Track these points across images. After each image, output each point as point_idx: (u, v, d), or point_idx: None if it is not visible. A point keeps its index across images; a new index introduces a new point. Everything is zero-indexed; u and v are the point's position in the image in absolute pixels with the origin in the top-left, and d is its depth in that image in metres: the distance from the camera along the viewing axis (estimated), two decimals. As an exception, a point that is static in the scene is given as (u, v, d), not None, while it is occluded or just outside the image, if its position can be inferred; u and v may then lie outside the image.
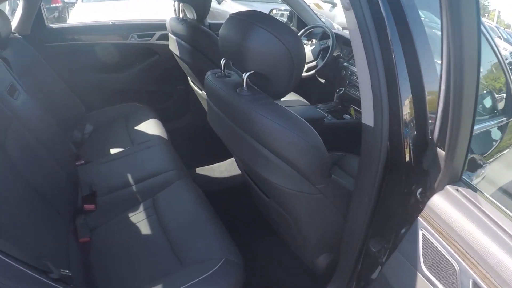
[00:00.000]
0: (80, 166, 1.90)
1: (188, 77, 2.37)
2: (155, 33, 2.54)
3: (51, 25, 2.49)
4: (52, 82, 2.24)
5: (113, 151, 2.05)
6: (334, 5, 6.61)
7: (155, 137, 2.06)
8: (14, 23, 2.27)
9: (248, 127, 1.07)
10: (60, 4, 7.72)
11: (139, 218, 1.49)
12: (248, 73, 1.07)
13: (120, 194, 1.67)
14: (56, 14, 7.72)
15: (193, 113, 2.77)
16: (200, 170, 2.24)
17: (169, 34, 2.19)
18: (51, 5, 7.55)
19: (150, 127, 2.18)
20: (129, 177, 1.75)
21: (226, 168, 2.24)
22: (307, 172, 1.04)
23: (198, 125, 2.53)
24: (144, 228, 1.44)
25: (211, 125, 1.39)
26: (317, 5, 6.37)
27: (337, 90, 2.25)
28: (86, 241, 1.43)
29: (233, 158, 2.24)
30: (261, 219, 1.68)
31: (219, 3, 5.72)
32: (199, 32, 1.90)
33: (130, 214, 1.53)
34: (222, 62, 1.25)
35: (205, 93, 2.02)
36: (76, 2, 5.85)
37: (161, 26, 2.49)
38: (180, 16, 2.13)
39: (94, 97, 2.56)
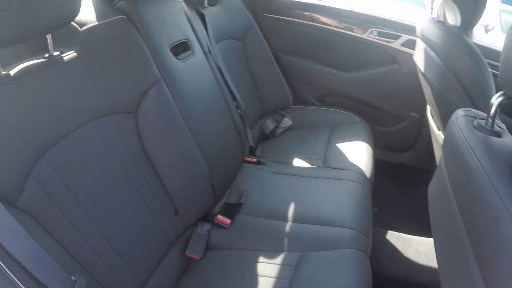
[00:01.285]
0: (248, 164, 1.60)
1: (428, 105, 1.68)
2: (401, 36, 1.91)
3: None
4: (262, 57, 2.01)
5: (296, 162, 1.66)
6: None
7: (355, 169, 1.54)
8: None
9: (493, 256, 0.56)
10: None
11: (271, 272, 1.10)
12: None
13: (267, 224, 1.28)
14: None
15: (418, 152, 2.08)
16: (391, 236, 1.59)
17: (418, 40, 1.54)
18: None
19: (357, 151, 1.68)
20: (291, 207, 1.31)
21: (427, 251, 1.52)
22: None
23: (418, 171, 2.03)
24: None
25: (429, 196, 0.97)
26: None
27: None
28: (193, 258, 1.19)
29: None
30: None
31: (486, 32, 4.41)
32: (460, 45, 1.21)
33: (262, 258, 1.15)
34: (496, 102, 0.66)
35: (441, 135, 1.36)
36: None
37: (411, 29, 1.86)
38: (437, 17, 1.43)
39: (305, 89, 2.20)
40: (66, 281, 0.73)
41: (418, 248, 1.53)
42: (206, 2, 1.75)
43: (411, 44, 1.86)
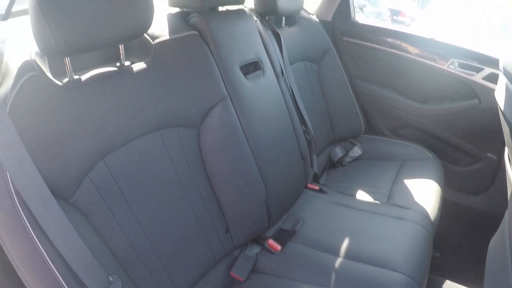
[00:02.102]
0: (310, 191, 1.56)
1: (506, 147, 1.51)
2: (483, 69, 1.74)
3: (356, 19, 2.13)
4: (337, 81, 1.97)
5: (360, 195, 1.58)
6: None
7: (419, 210, 1.42)
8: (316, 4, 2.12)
9: None
10: (405, 19, 7.53)
11: None
12: None
13: (317, 256, 1.22)
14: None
15: (492, 197, 1.88)
16: (446, 286, 1.43)
17: (500, 75, 1.39)
18: (398, 18, 7.43)
19: (425, 190, 1.56)
20: (345, 242, 1.24)
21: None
22: None
23: (489, 218, 1.86)
24: None
25: (488, 252, 0.93)
26: None
27: None
28: (237, 279, 1.18)
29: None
30: None
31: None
32: None
33: None
34: None
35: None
36: (416, 18, 5.52)
37: (494, 62, 1.71)
38: None
39: (379, 119, 2.11)
40: (104, 281, 0.74)
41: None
42: (283, 22, 1.75)
43: (493, 78, 1.71)
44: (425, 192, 1.53)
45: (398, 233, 1.29)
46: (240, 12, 1.38)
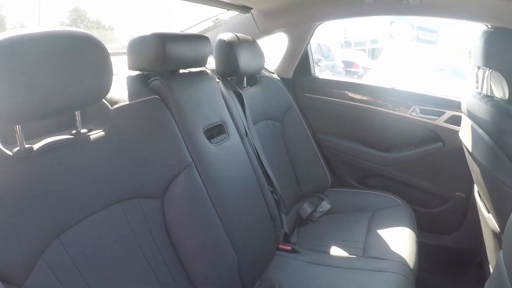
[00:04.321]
0: (282, 252, 1.49)
1: (475, 185, 1.55)
2: (444, 112, 1.83)
3: (317, 74, 2.20)
4: (301, 138, 1.97)
5: (334, 251, 1.54)
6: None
7: (397, 259, 1.40)
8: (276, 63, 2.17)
9: None
10: (359, 69, 7.98)
11: None
12: None
13: None
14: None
15: (465, 234, 1.91)
16: None
17: (463, 116, 1.46)
18: (351, 69, 7.88)
19: (400, 238, 1.54)
20: None
21: None
22: None
23: (465, 254, 1.90)
24: None
25: None
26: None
27: None
28: None
29: None
30: None
31: None
32: (510, 121, 1.12)
33: None
34: None
35: (491, 217, 1.23)
36: (371, 69, 5.89)
37: (455, 105, 1.79)
38: (483, 90, 1.34)
39: (345, 171, 2.12)
40: None
41: None
42: (245, 82, 1.75)
43: (455, 120, 1.79)
44: (400, 240, 1.51)
45: (380, 286, 1.25)
46: (202, 73, 1.36)
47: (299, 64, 2.13)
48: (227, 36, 1.54)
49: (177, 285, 1.03)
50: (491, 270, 1.42)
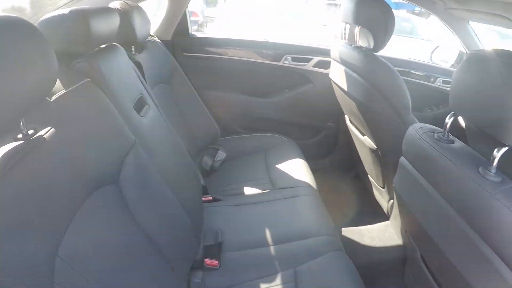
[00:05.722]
0: (207, 203, 1.64)
1: (346, 115, 1.96)
2: (312, 58, 2.18)
3: (194, 33, 2.31)
4: (188, 96, 2.09)
5: (248, 190, 1.74)
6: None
7: (303, 185, 1.70)
8: (155, 26, 2.18)
9: (486, 225, 0.80)
10: (198, 18, 8.05)
11: None
12: (504, 150, 0.79)
13: (252, 254, 1.34)
14: (195, 28, 8.12)
15: (339, 155, 2.38)
16: (346, 232, 1.80)
17: (332, 62, 1.81)
18: (191, 18, 7.93)
19: (296, 168, 1.84)
20: (267, 232, 1.41)
21: (378, 235, 1.77)
22: None
23: (343, 169, 2.27)
24: None
25: (397, 188, 1.18)
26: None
27: None
28: None
29: (386, 222, 1.79)
30: None
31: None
32: (377, 63, 1.48)
33: (263, 285, 1.21)
34: (449, 121, 0.95)
35: (367, 138, 1.63)
36: (216, 18, 5.94)
37: (321, 51, 2.16)
38: (355, 43, 1.69)
39: (231, 120, 2.34)
40: None
41: (371, 235, 1.78)
42: (133, 49, 1.72)
43: (321, 64, 2.14)
44: (298, 169, 1.82)
45: (300, 208, 1.53)
46: (115, 48, 1.31)
47: (178, 25, 2.18)
48: (118, 4, 1.50)
49: (155, 263, 1.06)
50: (370, 179, 1.89)
